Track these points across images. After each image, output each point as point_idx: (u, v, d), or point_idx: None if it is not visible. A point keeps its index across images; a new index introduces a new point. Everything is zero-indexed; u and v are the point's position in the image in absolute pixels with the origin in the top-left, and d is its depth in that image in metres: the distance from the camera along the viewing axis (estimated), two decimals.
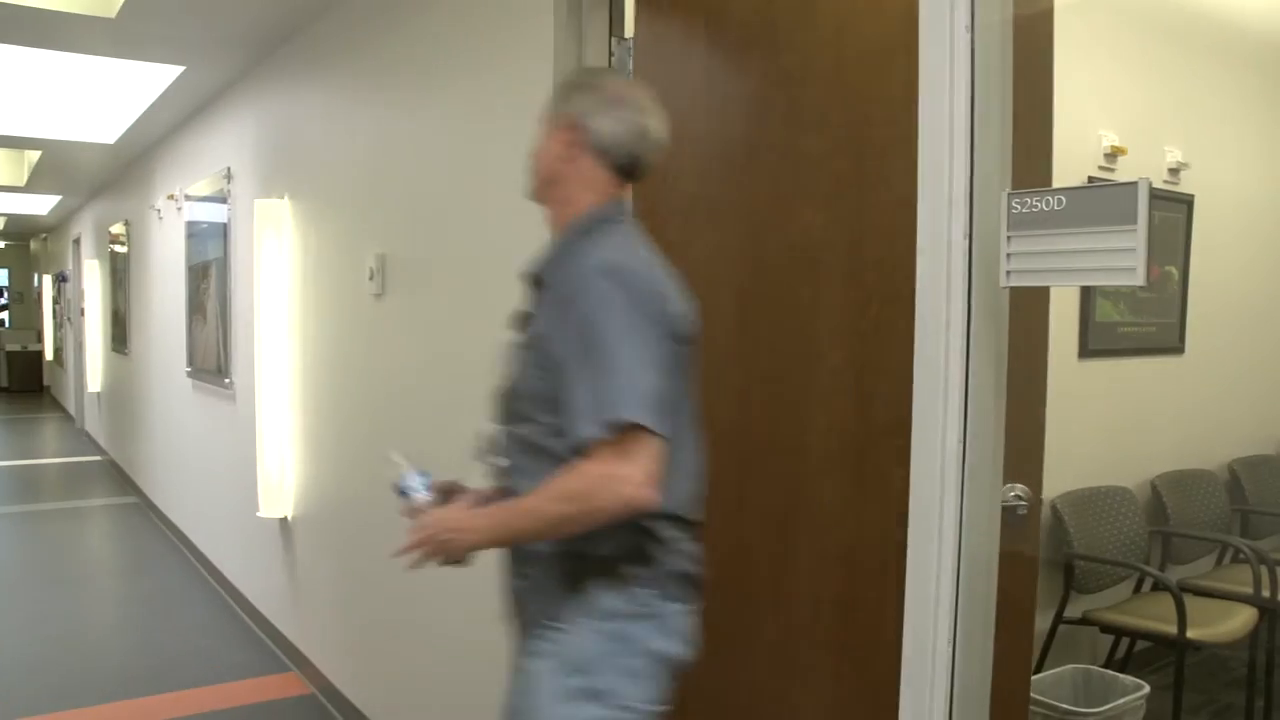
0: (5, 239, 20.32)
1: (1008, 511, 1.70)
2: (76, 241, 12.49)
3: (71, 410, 13.37)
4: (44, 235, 17.84)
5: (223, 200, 5.47)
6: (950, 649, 1.62)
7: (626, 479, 1.57)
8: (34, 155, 8.84)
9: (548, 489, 1.62)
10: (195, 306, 6.22)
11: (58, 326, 15.59)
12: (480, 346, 2.90)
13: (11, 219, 15.33)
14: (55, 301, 15.95)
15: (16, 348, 17.48)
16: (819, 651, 2.11)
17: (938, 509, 1.64)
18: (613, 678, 1.67)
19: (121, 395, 9.16)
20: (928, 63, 1.63)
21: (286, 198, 4.50)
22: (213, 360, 5.79)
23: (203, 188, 5.98)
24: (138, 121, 6.59)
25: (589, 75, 2.02)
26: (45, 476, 9.76)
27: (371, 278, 3.60)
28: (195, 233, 6.24)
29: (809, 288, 2.09)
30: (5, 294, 20.96)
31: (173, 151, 7.04)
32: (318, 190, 4.16)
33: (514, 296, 2.73)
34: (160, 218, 7.29)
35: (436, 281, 3.12)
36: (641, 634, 1.69)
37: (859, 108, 1.96)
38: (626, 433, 1.57)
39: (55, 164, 8.70)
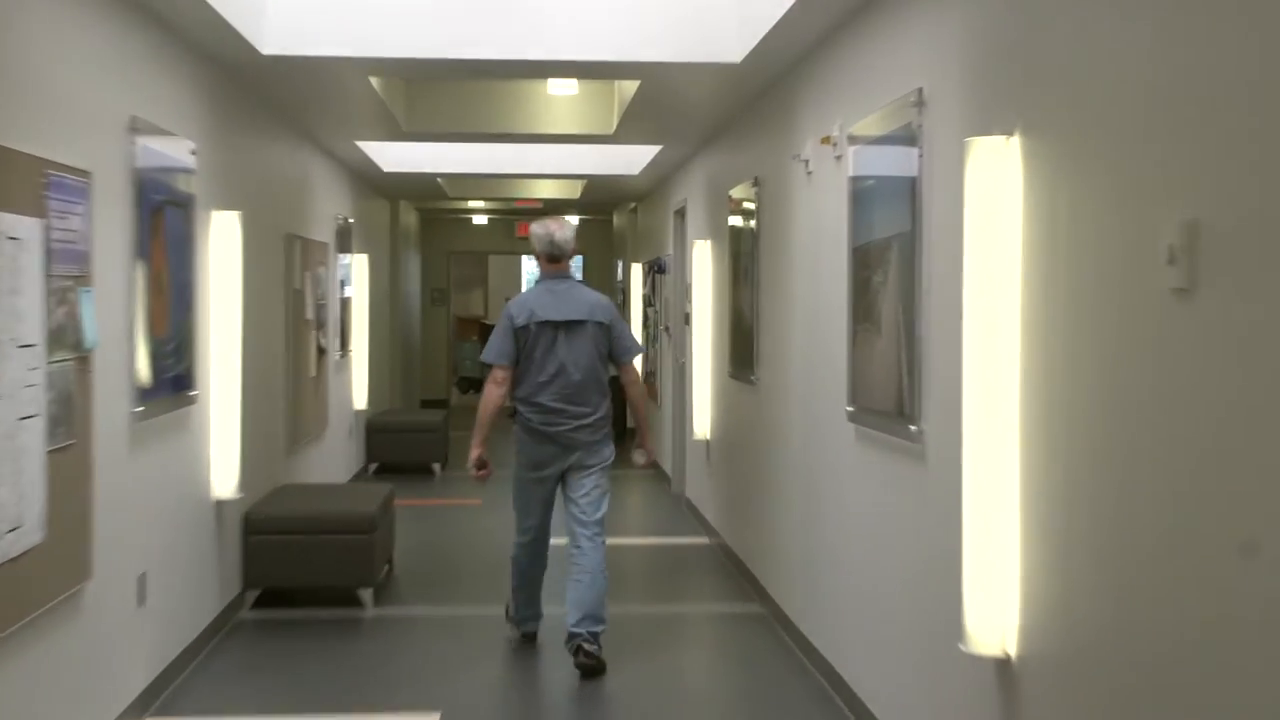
0: (581, 212, 19.55)
1: None
2: (679, 213, 12.44)
3: (667, 467, 12.75)
4: (633, 205, 17.85)
5: (910, 142, 5.02)
6: None
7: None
8: (628, 89, 9.06)
9: None
10: (861, 310, 5.71)
11: (650, 340, 13.94)
12: None
13: (592, 182, 14.96)
14: (648, 303, 14.66)
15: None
16: None
17: None
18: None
19: (742, 446, 8.93)
20: None
21: (1017, 134, 4.04)
22: (890, 395, 5.22)
23: (876, 124, 5.49)
24: (774, 29, 6.10)
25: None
26: (631, 564, 9.32)
27: (1171, 261, 3.07)
28: (863, 194, 5.71)
29: None
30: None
31: (825, 72, 6.56)
32: (1074, 119, 3.68)
33: None
34: (808, 172, 6.74)
35: None
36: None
37: None
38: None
39: (655, 100, 8.74)
